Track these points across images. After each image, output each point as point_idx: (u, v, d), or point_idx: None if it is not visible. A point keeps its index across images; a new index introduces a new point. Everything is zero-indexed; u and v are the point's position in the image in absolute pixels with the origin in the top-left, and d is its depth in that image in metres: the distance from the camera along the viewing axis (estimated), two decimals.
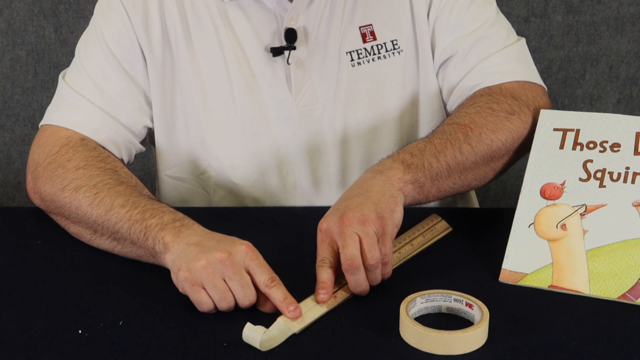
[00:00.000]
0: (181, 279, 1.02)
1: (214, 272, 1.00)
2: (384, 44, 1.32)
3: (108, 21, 1.29)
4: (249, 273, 1.02)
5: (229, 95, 1.31)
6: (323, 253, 1.05)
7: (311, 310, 1.02)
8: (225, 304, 1.01)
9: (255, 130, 1.32)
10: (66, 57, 2.21)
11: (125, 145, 1.30)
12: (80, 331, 1.00)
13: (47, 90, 2.24)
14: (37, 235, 1.23)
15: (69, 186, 1.17)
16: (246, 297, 1.01)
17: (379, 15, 1.32)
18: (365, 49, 1.31)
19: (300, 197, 1.37)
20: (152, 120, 1.33)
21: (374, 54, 1.32)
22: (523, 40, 1.35)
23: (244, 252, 1.02)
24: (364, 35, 1.31)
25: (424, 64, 1.33)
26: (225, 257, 1.00)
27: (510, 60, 1.30)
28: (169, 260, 1.06)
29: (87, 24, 1.31)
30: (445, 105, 1.37)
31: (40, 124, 1.30)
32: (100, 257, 1.17)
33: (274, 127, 1.32)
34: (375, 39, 1.32)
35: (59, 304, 1.06)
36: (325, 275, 1.03)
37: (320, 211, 1.10)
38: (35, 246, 1.21)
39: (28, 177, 1.26)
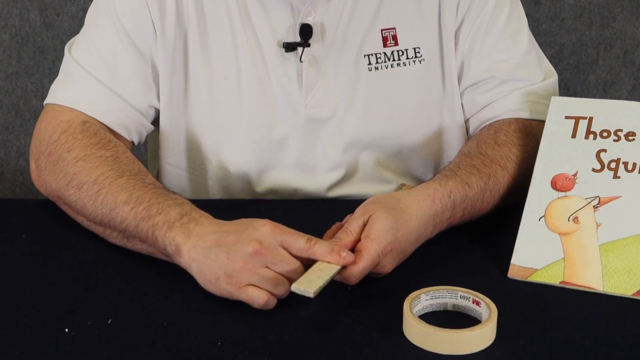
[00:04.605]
0: (225, 288, 1.00)
1: (255, 266, 0.99)
2: (406, 50, 1.29)
3: None
4: (284, 248, 1.01)
5: (235, 87, 1.28)
6: (348, 234, 1.05)
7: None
8: (282, 288, 0.99)
9: (260, 126, 1.29)
10: (52, 41, 2.19)
11: (136, 128, 1.28)
12: (66, 329, 0.98)
13: (31, 75, 2.23)
14: (21, 229, 1.21)
15: (72, 183, 1.16)
16: (296, 271, 1.00)
17: (403, 20, 1.29)
18: (385, 53, 1.29)
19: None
20: (159, 102, 1.30)
21: (394, 60, 1.29)
22: (556, 76, 1.35)
23: (270, 231, 1.01)
24: (385, 39, 1.28)
25: (450, 77, 1.31)
26: (257, 247, 0.99)
27: (541, 98, 1.30)
28: (194, 269, 1.04)
29: (74, 7, 1.27)
30: (466, 119, 1.36)
31: (45, 102, 1.28)
32: (88, 252, 1.16)
33: (280, 125, 1.29)
34: (396, 44, 1.29)
35: (45, 301, 1.04)
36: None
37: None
38: (19, 240, 1.19)
39: (32, 165, 1.25)
